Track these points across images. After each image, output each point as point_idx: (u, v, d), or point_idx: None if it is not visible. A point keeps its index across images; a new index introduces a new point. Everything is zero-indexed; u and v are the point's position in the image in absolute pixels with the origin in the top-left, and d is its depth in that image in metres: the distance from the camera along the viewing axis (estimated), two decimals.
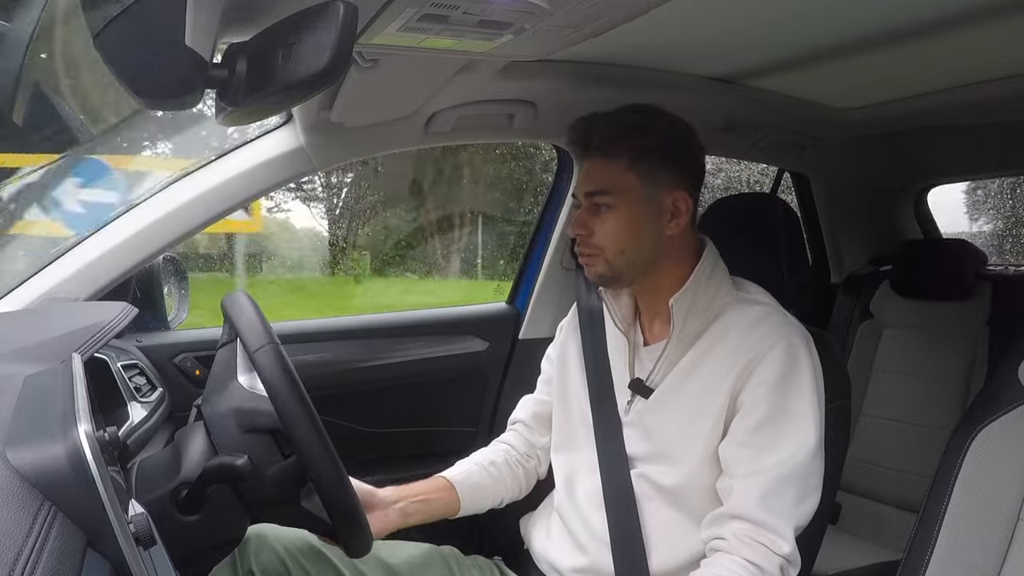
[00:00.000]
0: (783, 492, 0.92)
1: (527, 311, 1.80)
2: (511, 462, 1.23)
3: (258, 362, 0.79)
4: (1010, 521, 0.85)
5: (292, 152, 1.32)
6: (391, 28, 0.85)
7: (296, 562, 1.05)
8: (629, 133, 1.01)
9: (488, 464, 1.20)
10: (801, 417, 0.94)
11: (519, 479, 1.23)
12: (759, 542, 0.90)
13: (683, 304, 1.02)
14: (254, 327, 0.81)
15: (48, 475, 0.53)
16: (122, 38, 0.64)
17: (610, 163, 1.01)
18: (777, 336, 0.96)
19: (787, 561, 0.91)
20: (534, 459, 1.26)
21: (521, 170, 2.41)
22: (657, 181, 1.01)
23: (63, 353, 0.81)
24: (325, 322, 1.69)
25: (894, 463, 1.91)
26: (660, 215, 1.01)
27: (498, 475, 1.20)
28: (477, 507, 1.18)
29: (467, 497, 1.15)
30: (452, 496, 1.14)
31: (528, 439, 1.27)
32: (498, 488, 1.20)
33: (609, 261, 1.02)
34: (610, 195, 1.00)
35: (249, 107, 0.71)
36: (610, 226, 1.01)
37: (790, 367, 0.94)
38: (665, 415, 1.02)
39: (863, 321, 2.09)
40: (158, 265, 1.41)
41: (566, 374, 1.19)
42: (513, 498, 1.23)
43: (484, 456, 1.23)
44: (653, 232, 1.01)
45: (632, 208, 1.00)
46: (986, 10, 1.07)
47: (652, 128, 1.02)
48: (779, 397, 0.94)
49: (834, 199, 2.28)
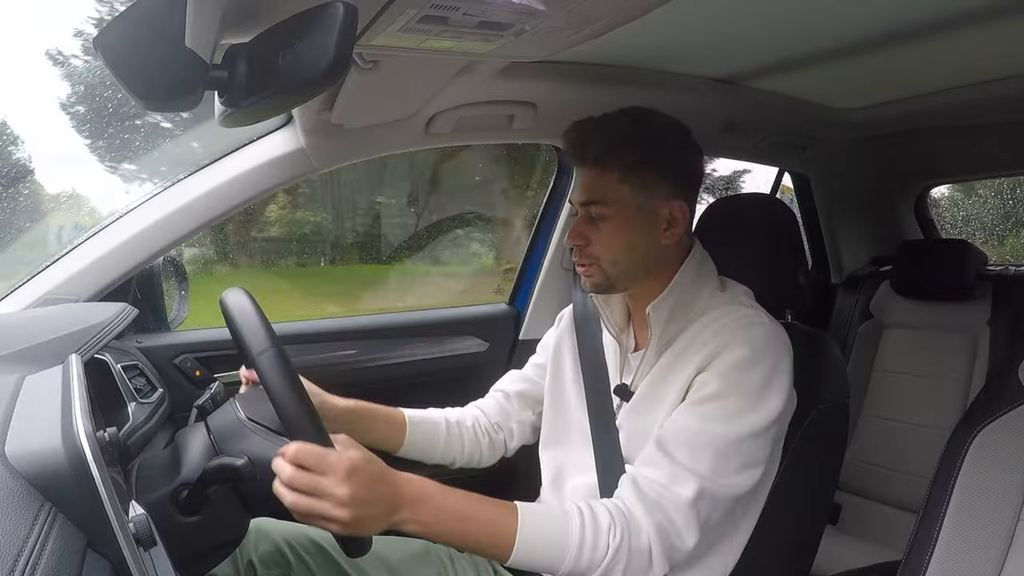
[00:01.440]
0: (702, 451, 0.89)
1: (527, 311, 1.80)
2: (478, 428, 1.23)
3: (261, 368, 0.78)
4: (1010, 521, 0.85)
5: (292, 153, 1.32)
6: (391, 29, 0.85)
7: (296, 554, 1.06)
8: (622, 145, 0.99)
9: (454, 422, 1.21)
10: (748, 398, 0.91)
11: (480, 447, 1.23)
12: (652, 491, 0.88)
13: (661, 311, 1.02)
14: (256, 331, 0.81)
15: (48, 476, 0.53)
16: (122, 39, 0.64)
17: (603, 174, 0.99)
18: (741, 334, 0.95)
19: (678, 515, 0.88)
20: (504, 432, 1.25)
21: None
22: (652, 191, 0.99)
23: (63, 354, 0.81)
24: (325, 323, 1.69)
25: (894, 463, 1.91)
26: (655, 225, 1.01)
27: (457, 435, 1.20)
28: (420, 454, 1.18)
29: (413, 440, 1.16)
30: (400, 432, 1.15)
31: (506, 410, 1.26)
32: (451, 447, 1.20)
33: (605, 270, 1.02)
34: (604, 205, 0.99)
35: (249, 108, 0.71)
36: (605, 236, 1.00)
37: (746, 359, 0.93)
38: (641, 417, 1.02)
39: (863, 321, 2.10)
40: (158, 266, 1.41)
41: (560, 372, 1.19)
42: (468, 463, 1.23)
43: (452, 413, 1.24)
44: (648, 242, 1.01)
45: (626, 219, 0.99)
46: (986, 10, 1.07)
47: (647, 138, 1.00)
48: (728, 381, 0.92)
49: (834, 199, 2.28)
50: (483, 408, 1.27)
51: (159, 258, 1.36)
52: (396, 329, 1.72)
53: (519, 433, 1.26)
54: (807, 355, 1.04)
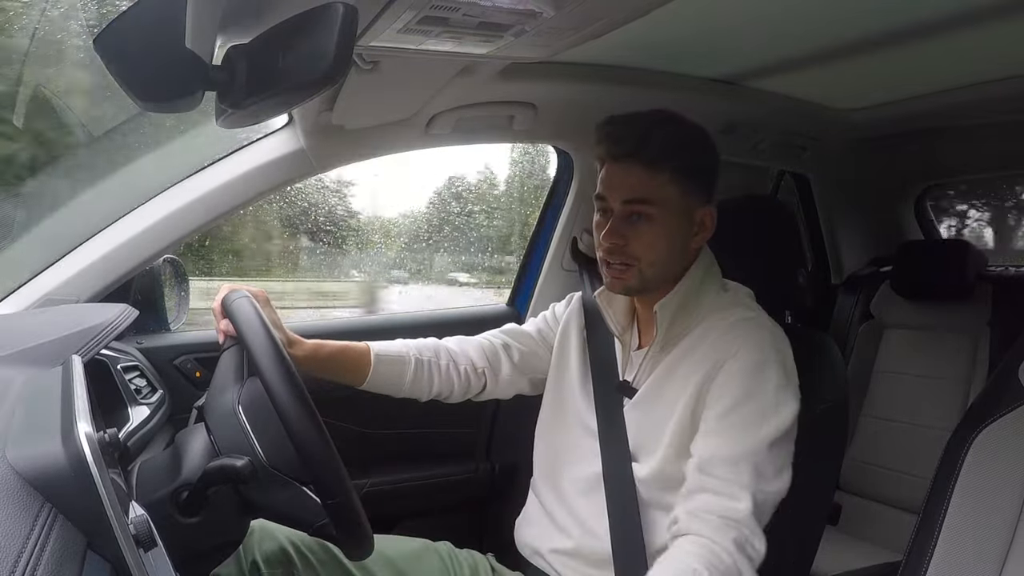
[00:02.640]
0: (742, 465, 0.91)
1: (527, 312, 1.80)
2: (452, 367, 1.21)
3: (272, 390, 0.78)
4: (1010, 522, 0.85)
5: (293, 154, 1.32)
6: (391, 30, 0.85)
7: (299, 552, 1.06)
8: (679, 148, 0.99)
9: (424, 361, 1.19)
10: (767, 403, 0.93)
11: (452, 385, 1.21)
12: (714, 512, 0.89)
13: (668, 310, 1.03)
14: (266, 351, 0.81)
15: (49, 476, 0.53)
16: (122, 40, 0.64)
17: (655, 175, 0.98)
18: (748, 338, 0.97)
19: (745, 527, 0.88)
20: (487, 378, 1.22)
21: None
22: (692, 196, 1.00)
23: (63, 355, 0.81)
24: (325, 324, 1.69)
25: (894, 464, 1.91)
26: (690, 229, 1.02)
27: (425, 374, 1.19)
28: (384, 389, 1.18)
29: (377, 376, 1.15)
30: (364, 369, 1.15)
31: (500, 360, 1.23)
32: (418, 385, 1.18)
33: (642, 272, 1.01)
34: (650, 205, 0.99)
35: (249, 109, 0.72)
36: (647, 237, 0.99)
37: (757, 363, 0.95)
38: (643, 414, 1.04)
39: (863, 322, 2.09)
40: (158, 267, 1.41)
41: (565, 360, 1.19)
42: (436, 398, 1.22)
43: (427, 350, 1.21)
44: (683, 246, 1.02)
45: (670, 220, 0.99)
46: (986, 10, 1.07)
47: (695, 143, 1.02)
48: (744, 387, 0.94)
49: (834, 200, 2.28)
50: (471, 346, 1.24)
51: (159, 259, 1.36)
52: (397, 330, 1.71)
53: (503, 386, 1.24)
54: (807, 356, 1.04)
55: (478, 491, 1.73)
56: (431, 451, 1.68)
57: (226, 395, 0.90)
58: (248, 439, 0.85)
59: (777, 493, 0.92)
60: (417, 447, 1.68)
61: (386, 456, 1.64)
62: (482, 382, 1.23)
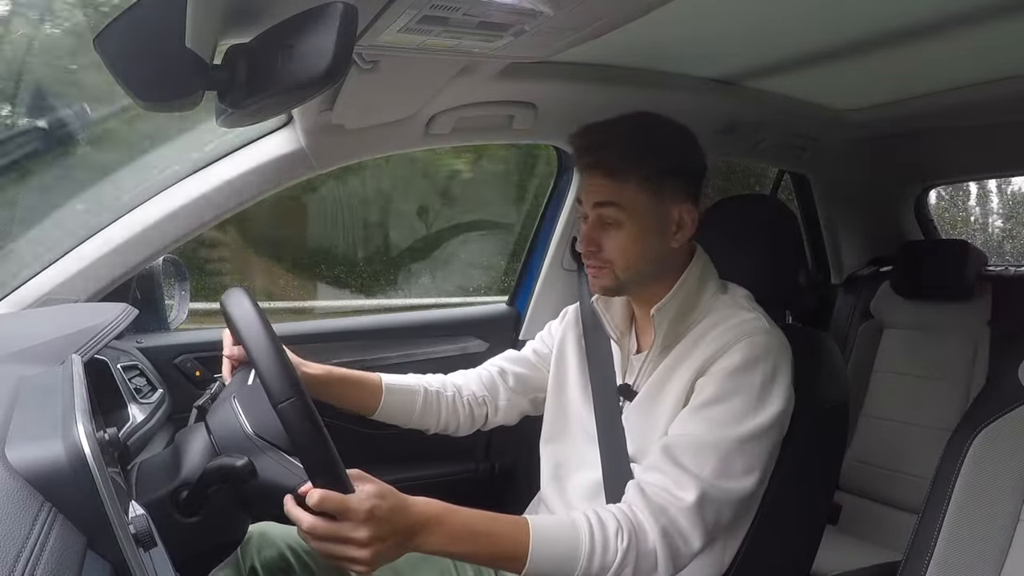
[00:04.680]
0: (706, 453, 0.91)
1: (527, 312, 1.80)
2: (458, 398, 1.24)
3: (284, 417, 0.76)
4: (1011, 521, 0.85)
5: (293, 154, 1.32)
6: (391, 29, 0.85)
7: (299, 558, 1.06)
8: (637, 158, 0.98)
9: (432, 392, 1.22)
10: (748, 400, 0.93)
11: (458, 417, 1.24)
12: (658, 494, 0.90)
13: (665, 313, 1.03)
14: (277, 377, 0.77)
15: (48, 476, 0.53)
16: (122, 40, 0.64)
17: (617, 181, 0.99)
18: (742, 338, 0.96)
19: (682, 518, 0.89)
20: (488, 407, 1.26)
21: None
22: (665, 197, 1.00)
23: (63, 354, 0.81)
24: (325, 323, 1.69)
25: (894, 464, 1.91)
26: (667, 229, 1.02)
27: (434, 405, 1.21)
28: (394, 420, 1.21)
29: (388, 406, 1.18)
30: (375, 398, 1.17)
31: (498, 387, 1.26)
32: (427, 415, 1.21)
33: (616, 275, 1.02)
34: (619, 209, 0.99)
35: (250, 109, 0.72)
36: (618, 242, 1.00)
37: (746, 361, 0.94)
38: (643, 416, 1.04)
39: (863, 322, 2.09)
40: (158, 266, 1.41)
41: (564, 368, 1.19)
42: (443, 431, 1.25)
43: (434, 381, 1.24)
44: (659, 246, 1.02)
45: (640, 223, 1.00)
46: (986, 10, 1.07)
47: (660, 149, 1.00)
48: (728, 383, 0.94)
49: (834, 200, 2.28)
50: (472, 379, 1.27)
51: (159, 258, 1.36)
52: (397, 330, 1.72)
53: (504, 412, 1.26)
54: (807, 356, 1.04)
55: (478, 491, 1.72)
56: (431, 451, 1.68)
57: (228, 399, 0.91)
58: (238, 418, 0.87)
59: (739, 491, 0.92)
60: (417, 447, 1.68)
61: (386, 456, 1.63)
62: (484, 411, 1.26)
